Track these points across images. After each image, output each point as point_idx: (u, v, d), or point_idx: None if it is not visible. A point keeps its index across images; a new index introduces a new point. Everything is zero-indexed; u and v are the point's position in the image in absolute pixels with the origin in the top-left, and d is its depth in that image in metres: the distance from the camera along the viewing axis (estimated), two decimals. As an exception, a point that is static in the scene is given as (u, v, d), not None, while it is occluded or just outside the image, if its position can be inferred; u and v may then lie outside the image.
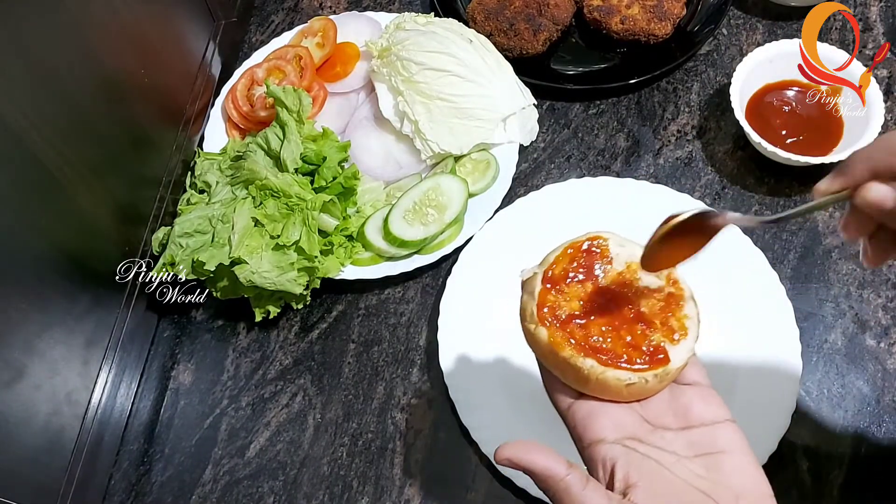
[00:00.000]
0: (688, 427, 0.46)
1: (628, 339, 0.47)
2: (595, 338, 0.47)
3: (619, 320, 0.48)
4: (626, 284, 0.49)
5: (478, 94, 0.89)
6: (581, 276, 0.49)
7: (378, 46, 0.91)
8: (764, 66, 0.89)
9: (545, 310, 0.48)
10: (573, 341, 0.46)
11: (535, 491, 0.71)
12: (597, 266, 0.50)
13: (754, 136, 0.84)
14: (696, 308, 0.49)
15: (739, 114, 0.85)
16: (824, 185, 0.47)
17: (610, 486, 0.44)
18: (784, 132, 0.87)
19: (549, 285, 0.48)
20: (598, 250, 0.50)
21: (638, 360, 0.46)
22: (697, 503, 0.43)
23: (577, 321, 0.47)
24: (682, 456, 0.45)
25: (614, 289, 0.49)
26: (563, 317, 0.47)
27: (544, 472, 0.44)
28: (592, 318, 0.48)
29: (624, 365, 0.46)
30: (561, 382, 0.49)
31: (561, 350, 0.46)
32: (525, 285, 0.50)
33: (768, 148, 0.83)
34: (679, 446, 0.46)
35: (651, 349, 0.46)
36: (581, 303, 0.48)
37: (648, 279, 0.49)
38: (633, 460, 0.44)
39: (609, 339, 0.47)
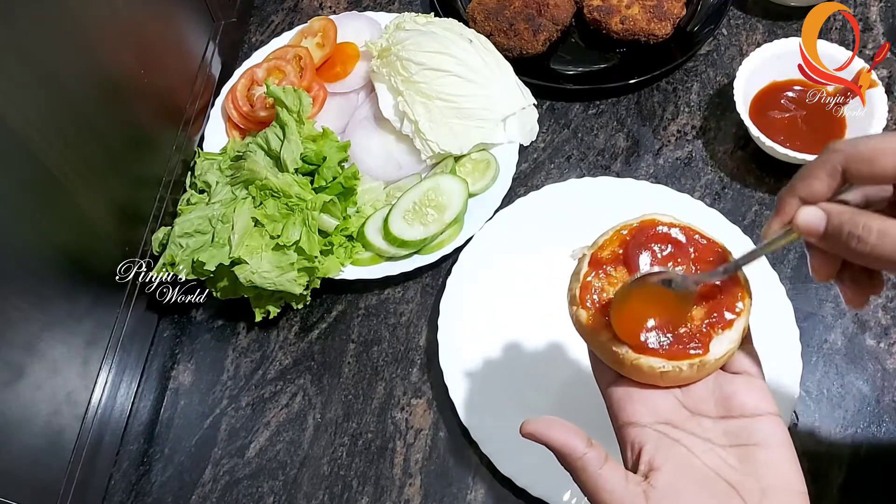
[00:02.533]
0: (727, 416, 0.45)
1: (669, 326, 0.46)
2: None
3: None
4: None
5: (477, 94, 0.89)
6: (630, 260, 0.48)
7: (378, 46, 0.91)
8: (771, 62, 0.89)
9: (588, 292, 0.47)
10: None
11: (535, 491, 0.71)
12: (649, 250, 0.48)
13: (754, 131, 0.84)
14: (749, 299, 0.48)
15: (742, 107, 0.85)
16: (768, 227, 0.46)
17: (635, 468, 0.44)
18: (785, 130, 0.87)
19: (595, 268, 0.48)
20: (653, 234, 0.49)
21: (675, 349, 0.45)
22: (720, 493, 0.42)
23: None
24: (716, 444, 0.44)
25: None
26: (605, 300, 0.47)
27: (562, 448, 0.44)
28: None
29: (660, 352, 0.45)
30: (603, 362, 0.49)
31: (598, 334, 0.46)
32: (575, 266, 0.49)
33: (767, 143, 0.83)
34: (715, 434, 0.45)
35: (690, 338, 0.46)
36: None
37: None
38: (663, 445, 0.44)
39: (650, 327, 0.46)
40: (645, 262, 0.48)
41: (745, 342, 0.48)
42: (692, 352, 0.45)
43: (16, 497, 0.61)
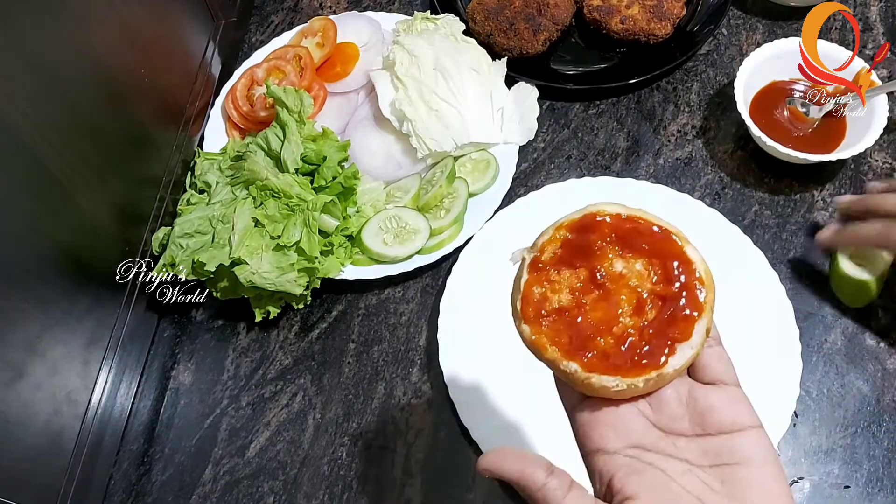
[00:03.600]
0: (705, 434, 0.41)
1: (621, 337, 0.41)
2: (582, 337, 0.41)
3: (615, 314, 0.41)
4: (630, 270, 0.42)
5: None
6: (575, 261, 0.42)
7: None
8: (771, 62, 0.89)
9: (530, 304, 0.42)
10: (559, 340, 0.41)
11: (535, 491, 0.71)
12: (595, 248, 0.42)
13: (755, 131, 0.84)
14: (712, 293, 0.42)
15: (742, 107, 0.85)
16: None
17: (609, 498, 0.40)
18: (786, 130, 0.87)
19: (535, 273, 0.42)
20: (597, 229, 0.43)
21: (628, 364, 0.40)
22: None
23: (566, 316, 0.41)
24: (694, 465, 0.40)
25: (615, 275, 0.42)
26: (550, 311, 0.42)
27: (518, 480, 0.40)
28: (583, 312, 0.41)
29: (611, 368, 0.40)
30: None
31: (544, 351, 0.41)
32: (516, 272, 0.44)
33: (768, 142, 0.83)
34: (692, 454, 0.41)
35: (645, 351, 0.40)
36: (572, 294, 0.42)
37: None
38: (634, 470, 0.40)
39: (600, 339, 0.41)
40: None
41: (714, 344, 0.43)
42: (646, 363, 0.40)
43: (16, 497, 0.61)
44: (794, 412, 0.73)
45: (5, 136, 0.60)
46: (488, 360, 0.78)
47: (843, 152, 0.83)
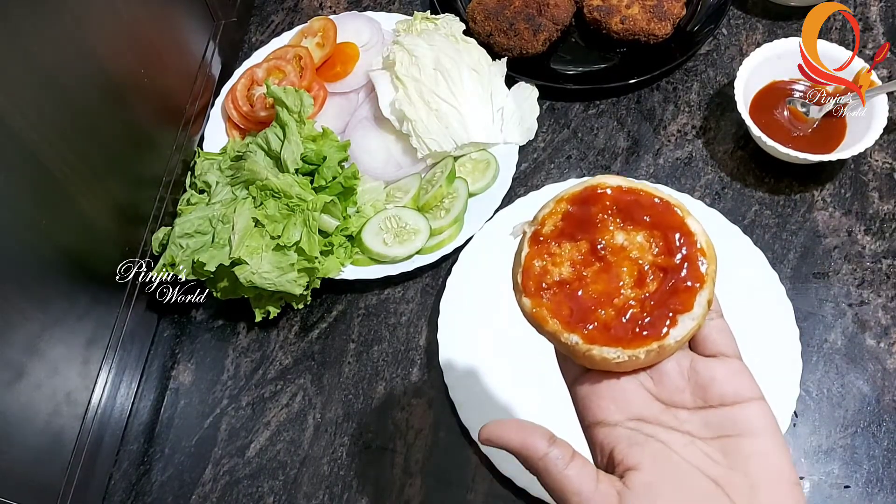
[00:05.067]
0: (706, 406, 0.41)
1: (622, 309, 0.41)
2: (583, 309, 0.41)
3: (616, 286, 0.42)
4: (631, 242, 0.42)
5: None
6: (576, 234, 0.43)
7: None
8: (771, 62, 0.89)
9: (531, 277, 0.42)
10: (560, 313, 0.41)
11: (535, 490, 0.71)
12: (596, 220, 0.43)
13: (755, 131, 0.84)
14: (714, 265, 0.42)
15: (742, 107, 0.85)
16: None
17: (610, 469, 0.40)
18: (785, 130, 0.87)
19: (536, 247, 0.43)
20: (598, 201, 0.43)
21: (629, 335, 0.40)
22: (703, 491, 0.38)
23: (567, 289, 0.42)
24: (696, 437, 0.40)
25: (616, 247, 0.42)
26: (551, 284, 0.42)
27: (521, 449, 0.40)
28: (584, 284, 0.42)
29: (613, 340, 0.40)
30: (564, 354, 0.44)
31: (545, 324, 0.41)
32: (517, 246, 0.44)
33: (768, 142, 0.83)
34: (694, 426, 0.40)
35: (647, 322, 0.40)
36: (573, 267, 0.42)
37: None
38: (636, 441, 0.40)
39: (601, 311, 0.41)
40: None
41: (715, 317, 0.43)
42: (647, 334, 0.40)
43: (16, 497, 0.61)
44: (794, 412, 0.73)
45: (5, 136, 0.60)
46: (488, 360, 0.78)
47: (843, 152, 0.83)
